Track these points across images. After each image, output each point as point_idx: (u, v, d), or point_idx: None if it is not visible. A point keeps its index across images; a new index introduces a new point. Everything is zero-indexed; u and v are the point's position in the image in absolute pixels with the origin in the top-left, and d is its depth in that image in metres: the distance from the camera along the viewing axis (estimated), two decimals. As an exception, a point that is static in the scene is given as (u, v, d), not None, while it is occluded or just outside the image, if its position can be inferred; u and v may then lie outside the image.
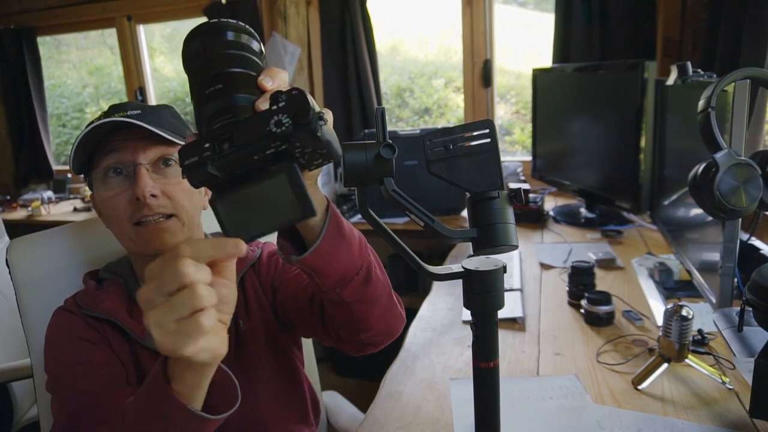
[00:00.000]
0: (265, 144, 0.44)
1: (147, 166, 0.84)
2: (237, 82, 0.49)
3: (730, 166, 0.77)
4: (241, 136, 0.44)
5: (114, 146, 0.85)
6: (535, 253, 1.71)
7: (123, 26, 3.32)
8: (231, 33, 0.51)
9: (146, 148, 0.85)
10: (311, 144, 0.45)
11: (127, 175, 0.85)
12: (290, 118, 0.43)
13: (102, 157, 0.86)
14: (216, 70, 0.49)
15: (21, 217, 2.98)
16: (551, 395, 0.97)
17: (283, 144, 0.44)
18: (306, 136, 0.44)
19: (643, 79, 1.65)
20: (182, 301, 0.46)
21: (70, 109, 4.24)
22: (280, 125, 0.43)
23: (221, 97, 0.48)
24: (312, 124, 0.44)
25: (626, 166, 1.77)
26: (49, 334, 0.87)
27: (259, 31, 2.92)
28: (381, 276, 0.74)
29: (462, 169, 0.56)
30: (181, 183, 0.87)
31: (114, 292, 0.89)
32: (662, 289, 1.35)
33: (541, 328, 1.23)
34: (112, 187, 0.86)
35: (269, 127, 0.44)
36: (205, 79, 0.49)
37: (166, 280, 0.46)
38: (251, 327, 0.92)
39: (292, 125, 0.44)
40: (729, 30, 1.74)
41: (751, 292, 0.81)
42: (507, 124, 3.17)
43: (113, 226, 0.88)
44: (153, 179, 0.84)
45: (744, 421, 0.86)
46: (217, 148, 0.44)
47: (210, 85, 0.49)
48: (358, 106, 2.87)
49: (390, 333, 0.80)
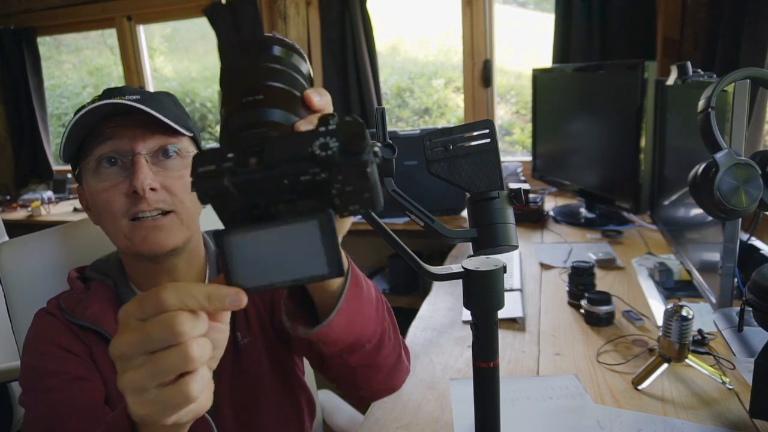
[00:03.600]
0: (302, 168, 0.36)
1: (146, 156, 0.76)
2: (278, 96, 0.43)
3: (730, 166, 0.77)
4: (274, 152, 0.37)
5: (110, 133, 0.76)
6: (535, 253, 1.71)
7: (123, 26, 3.32)
8: (278, 48, 0.46)
9: (145, 137, 0.76)
10: (356, 181, 0.37)
11: (123, 166, 0.77)
12: (339, 143, 0.36)
13: (95, 145, 0.77)
14: (257, 81, 0.43)
15: (21, 218, 2.98)
16: (551, 395, 0.97)
17: (323, 172, 0.36)
18: (353, 169, 0.36)
19: (643, 79, 1.65)
20: (169, 362, 0.37)
21: (70, 109, 4.24)
22: (326, 148, 0.36)
23: (258, 108, 0.41)
24: (364, 155, 0.36)
25: (626, 166, 1.76)
26: (28, 339, 0.80)
27: (259, 31, 2.92)
28: (393, 337, 0.68)
29: (462, 169, 0.56)
30: (182, 177, 0.79)
31: (101, 295, 0.81)
32: (662, 289, 1.35)
33: (541, 328, 1.23)
34: (105, 178, 0.77)
35: (312, 148, 0.36)
36: (243, 89, 0.43)
37: (154, 335, 0.38)
38: (251, 342, 0.86)
39: (339, 152, 0.36)
40: (729, 30, 1.74)
41: (751, 292, 0.81)
42: (507, 124, 3.17)
43: (106, 221, 0.79)
44: (152, 171, 0.76)
45: (744, 421, 0.86)
46: (242, 161, 0.37)
47: (247, 95, 0.42)
48: (358, 106, 2.87)
49: (392, 390, 0.75)
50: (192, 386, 0.38)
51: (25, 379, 0.76)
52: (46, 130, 3.59)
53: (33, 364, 0.76)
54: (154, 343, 0.38)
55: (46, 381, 0.73)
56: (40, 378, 0.74)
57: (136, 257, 0.80)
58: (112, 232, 0.79)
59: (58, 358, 0.75)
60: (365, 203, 0.38)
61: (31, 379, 0.75)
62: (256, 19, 2.92)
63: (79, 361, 0.76)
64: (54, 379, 0.73)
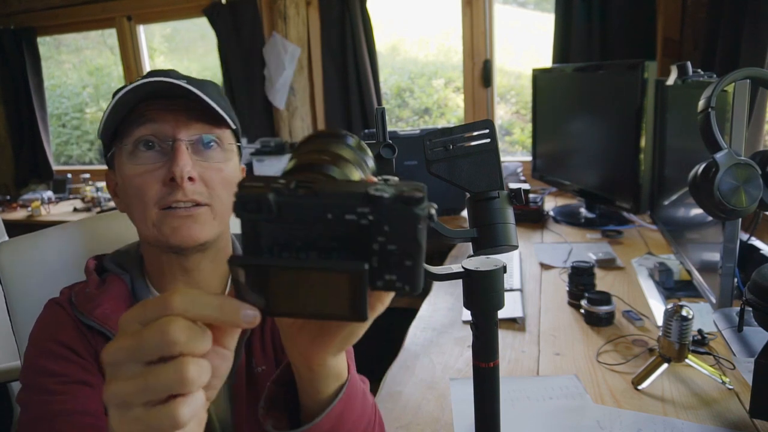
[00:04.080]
0: (350, 204, 0.33)
1: (187, 143, 0.72)
2: (342, 161, 0.40)
3: (730, 166, 0.77)
4: (326, 186, 0.34)
5: (151, 115, 0.72)
6: (535, 253, 1.71)
7: (123, 26, 3.32)
8: (351, 139, 0.44)
9: (188, 123, 0.72)
10: (402, 238, 0.34)
11: (162, 151, 0.72)
12: (395, 192, 0.33)
13: (134, 127, 0.72)
14: (325, 147, 0.41)
15: (21, 218, 2.98)
16: (551, 395, 0.97)
17: (371, 214, 0.33)
18: (403, 221, 0.33)
19: (643, 79, 1.65)
20: (162, 378, 0.33)
21: (70, 109, 4.24)
22: (381, 191, 0.33)
23: (320, 163, 0.39)
24: (418, 209, 0.33)
25: (626, 166, 1.76)
26: (35, 331, 0.76)
27: (259, 31, 2.93)
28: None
29: (462, 169, 0.56)
30: (221, 170, 0.74)
31: (115, 293, 0.76)
32: (662, 289, 1.35)
33: (541, 328, 1.23)
34: (141, 162, 0.72)
35: (366, 189, 0.33)
36: (310, 149, 0.41)
37: (147, 341, 0.34)
38: (267, 371, 0.79)
39: (393, 198, 0.33)
40: (729, 30, 1.74)
41: (751, 292, 0.81)
42: (507, 124, 3.17)
43: (135, 208, 0.74)
44: (191, 160, 0.71)
45: (744, 421, 0.86)
46: (291, 185, 0.34)
47: (312, 154, 0.40)
48: (358, 106, 2.87)
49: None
50: (182, 410, 0.33)
51: (24, 375, 0.72)
52: (46, 130, 3.59)
53: (34, 363, 0.73)
54: (146, 351, 0.34)
55: (45, 382, 0.69)
56: (39, 378, 0.70)
57: (161, 249, 0.76)
58: (140, 220, 0.74)
59: (61, 358, 0.71)
60: (404, 275, 0.35)
61: (31, 377, 0.72)
62: (256, 19, 2.92)
63: (82, 364, 0.72)
64: (53, 381, 0.69)
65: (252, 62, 2.95)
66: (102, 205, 3.04)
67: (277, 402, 0.55)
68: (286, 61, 2.87)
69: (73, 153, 4.31)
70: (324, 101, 2.96)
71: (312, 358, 0.49)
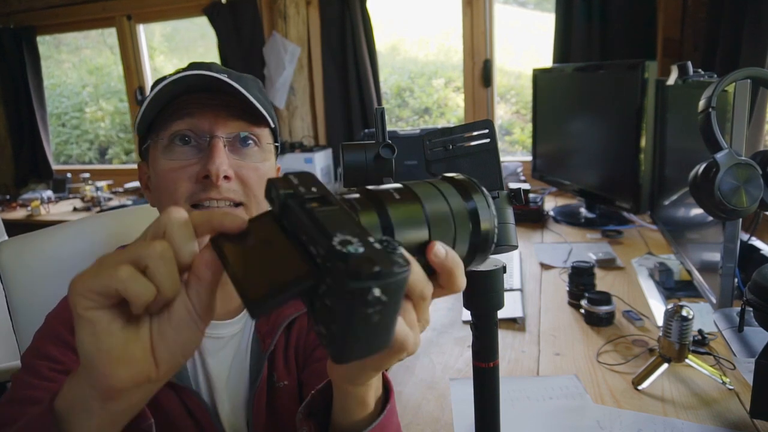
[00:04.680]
0: (318, 241, 0.32)
1: (225, 140, 0.70)
2: (396, 219, 0.39)
3: (731, 166, 0.77)
4: (330, 214, 0.33)
5: (191, 110, 0.70)
6: (535, 253, 1.71)
7: (123, 25, 3.31)
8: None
9: (227, 120, 0.70)
10: (336, 302, 0.30)
11: (198, 147, 0.70)
12: (348, 255, 0.29)
13: (171, 120, 0.70)
14: (404, 199, 0.41)
15: (20, 217, 2.98)
16: (551, 395, 0.97)
17: (320, 258, 0.31)
18: (339, 287, 0.29)
19: (644, 79, 1.65)
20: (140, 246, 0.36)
21: (69, 108, 4.24)
22: (347, 246, 0.30)
23: (380, 198, 0.39)
24: (354, 284, 0.29)
25: (626, 166, 1.76)
26: (51, 312, 0.75)
27: (259, 31, 2.93)
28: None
29: (461, 169, 0.56)
30: (258, 168, 0.72)
31: None
32: (662, 289, 1.35)
33: (541, 328, 1.23)
34: (176, 157, 0.70)
35: (340, 236, 0.31)
36: (401, 189, 0.42)
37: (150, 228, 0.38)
38: (290, 386, 0.78)
39: (338, 259, 0.29)
40: (729, 30, 1.74)
41: (752, 292, 0.81)
42: (507, 124, 3.17)
43: (165, 204, 0.72)
44: (228, 158, 0.70)
45: (744, 421, 0.86)
46: (307, 197, 0.35)
47: (393, 192, 0.41)
48: (358, 106, 2.87)
49: None
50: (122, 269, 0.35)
51: (26, 354, 0.71)
52: (45, 130, 3.59)
53: (38, 343, 0.71)
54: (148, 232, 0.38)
55: (39, 366, 0.68)
56: (36, 360, 0.69)
57: None
58: None
59: (64, 345, 0.70)
60: (330, 336, 0.31)
61: (29, 357, 0.70)
62: (256, 18, 2.92)
63: None
64: (47, 367, 0.68)
65: (252, 62, 2.95)
66: (102, 205, 3.04)
67: (316, 412, 0.54)
68: (286, 60, 2.87)
69: (72, 152, 4.32)
70: (324, 101, 2.95)
71: (342, 377, 0.49)
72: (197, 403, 0.74)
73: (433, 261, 0.39)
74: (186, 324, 0.38)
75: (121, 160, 4.21)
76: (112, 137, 4.25)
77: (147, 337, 0.38)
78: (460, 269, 0.41)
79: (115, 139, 4.25)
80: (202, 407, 0.74)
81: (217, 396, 0.77)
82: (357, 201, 0.39)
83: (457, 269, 0.40)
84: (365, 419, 0.52)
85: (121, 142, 4.22)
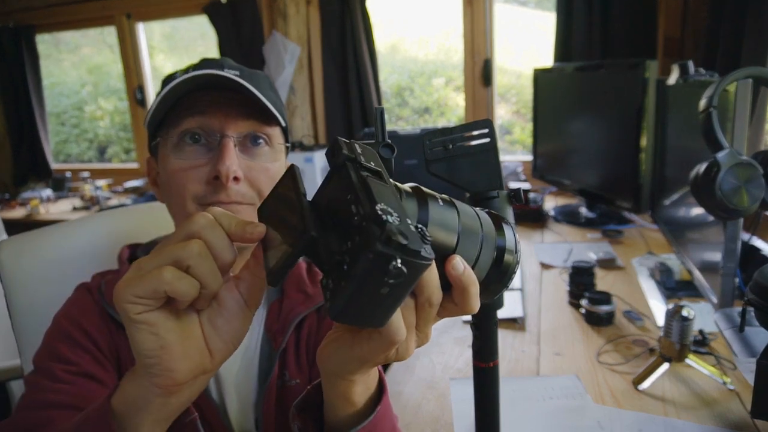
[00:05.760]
0: (361, 201, 0.33)
1: (235, 140, 0.69)
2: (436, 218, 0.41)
3: (732, 166, 0.76)
4: (376, 186, 0.34)
5: (202, 108, 0.69)
6: (535, 253, 1.71)
7: (122, 24, 3.31)
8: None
9: (238, 119, 0.69)
10: (354, 260, 0.31)
11: (207, 146, 0.69)
12: (387, 222, 0.30)
13: (182, 117, 0.69)
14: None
15: (20, 216, 2.98)
16: (551, 395, 0.96)
17: (357, 217, 0.32)
18: (362, 246, 0.31)
19: (644, 78, 1.65)
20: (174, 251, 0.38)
21: (69, 107, 4.24)
22: (387, 213, 0.31)
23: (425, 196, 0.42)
24: (381, 247, 0.30)
25: (627, 166, 1.76)
26: (60, 311, 0.74)
27: (259, 30, 2.92)
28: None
29: (461, 169, 0.56)
30: (268, 169, 0.72)
31: None
32: (663, 289, 1.35)
33: (541, 328, 1.23)
34: (185, 157, 0.69)
35: (383, 206, 0.32)
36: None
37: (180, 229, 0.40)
38: (301, 385, 0.77)
39: (375, 221, 0.31)
40: (730, 29, 1.73)
41: (753, 292, 0.81)
42: (507, 124, 3.17)
43: (174, 202, 0.72)
44: (238, 158, 0.69)
45: (745, 421, 0.86)
46: (365, 165, 0.37)
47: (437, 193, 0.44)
48: (358, 106, 2.87)
49: None
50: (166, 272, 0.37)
51: (38, 355, 0.71)
52: (45, 129, 3.58)
53: (50, 344, 0.71)
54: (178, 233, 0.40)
55: (53, 368, 0.68)
56: (49, 362, 0.68)
57: None
58: (177, 214, 0.72)
59: (77, 345, 0.70)
60: (336, 292, 0.32)
61: (43, 359, 0.70)
62: (256, 17, 2.91)
63: (96, 355, 0.70)
64: (62, 369, 0.67)
65: (252, 61, 2.94)
66: (101, 204, 3.04)
67: (310, 407, 0.54)
68: (286, 59, 2.86)
69: (72, 151, 4.32)
70: (324, 100, 2.95)
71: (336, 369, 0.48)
72: (205, 400, 0.74)
73: (450, 273, 0.39)
74: (235, 314, 0.42)
75: (120, 159, 4.21)
76: (111, 136, 4.25)
77: (199, 331, 0.41)
78: (475, 288, 0.41)
79: (114, 138, 4.25)
80: (210, 405, 0.74)
81: (225, 394, 0.76)
82: (404, 190, 0.41)
83: (473, 287, 0.41)
84: (351, 417, 0.51)
85: (120, 141, 4.22)
